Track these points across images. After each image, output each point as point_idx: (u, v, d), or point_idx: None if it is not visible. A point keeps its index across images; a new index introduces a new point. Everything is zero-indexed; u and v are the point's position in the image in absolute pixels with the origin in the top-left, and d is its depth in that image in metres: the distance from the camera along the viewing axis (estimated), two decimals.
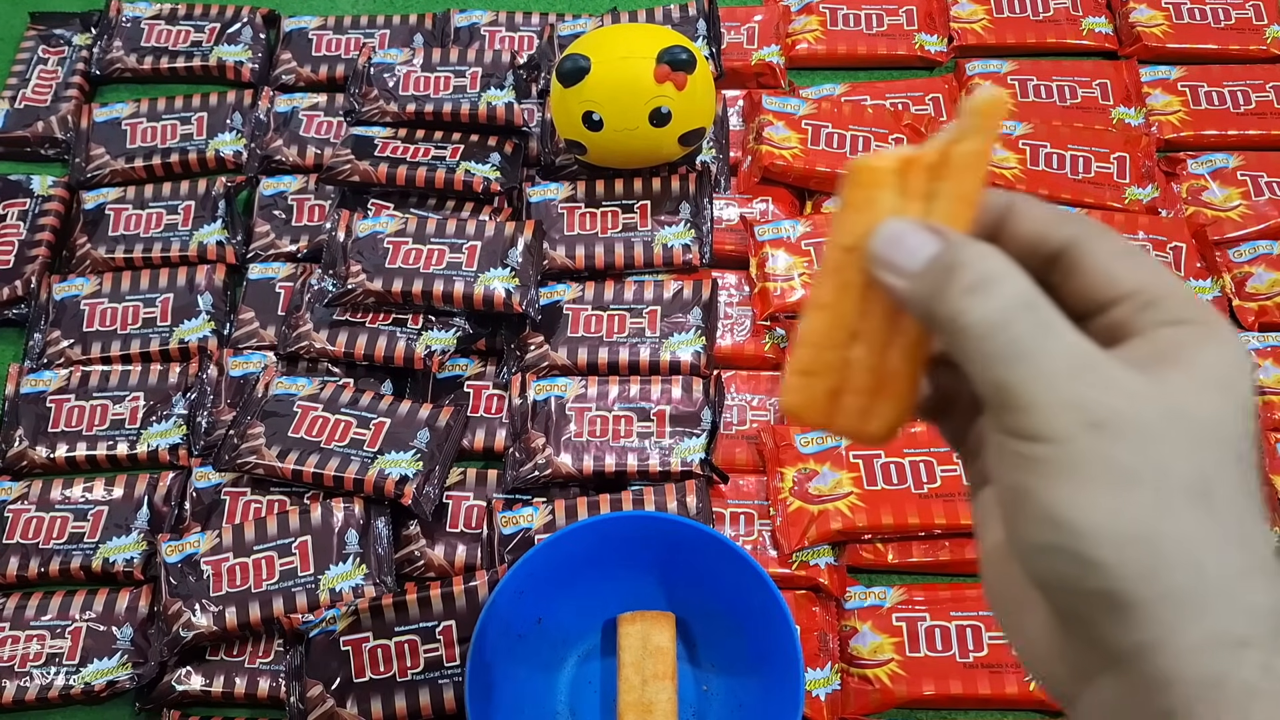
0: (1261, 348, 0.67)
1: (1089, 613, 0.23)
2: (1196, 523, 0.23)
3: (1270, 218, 0.72)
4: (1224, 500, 0.23)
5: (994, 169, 0.72)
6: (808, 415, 0.29)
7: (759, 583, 0.53)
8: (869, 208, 0.27)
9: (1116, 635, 0.23)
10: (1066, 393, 0.23)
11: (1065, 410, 0.23)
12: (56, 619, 0.60)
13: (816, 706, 0.57)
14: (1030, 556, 0.24)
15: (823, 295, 0.28)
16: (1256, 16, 0.80)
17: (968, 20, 0.81)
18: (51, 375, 0.68)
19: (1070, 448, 0.23)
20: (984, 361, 0.24)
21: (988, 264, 0.24)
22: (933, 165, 0.27)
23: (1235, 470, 0.23)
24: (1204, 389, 0.24)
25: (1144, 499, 0.22)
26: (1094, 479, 0.22)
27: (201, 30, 0.83)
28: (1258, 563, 0.23)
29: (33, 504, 0.64)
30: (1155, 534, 0.22)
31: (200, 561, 0.60)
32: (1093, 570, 0.22)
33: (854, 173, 0.27)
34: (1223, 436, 0.23)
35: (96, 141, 0.78)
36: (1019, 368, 0.23)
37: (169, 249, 0.73)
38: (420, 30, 0.83)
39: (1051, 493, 0.23)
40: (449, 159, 0.74)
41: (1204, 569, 0.22)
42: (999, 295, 0.24)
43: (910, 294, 0.26)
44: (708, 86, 0.69)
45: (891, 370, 0.28)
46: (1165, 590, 0.22)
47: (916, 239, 0.26)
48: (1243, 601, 0.22)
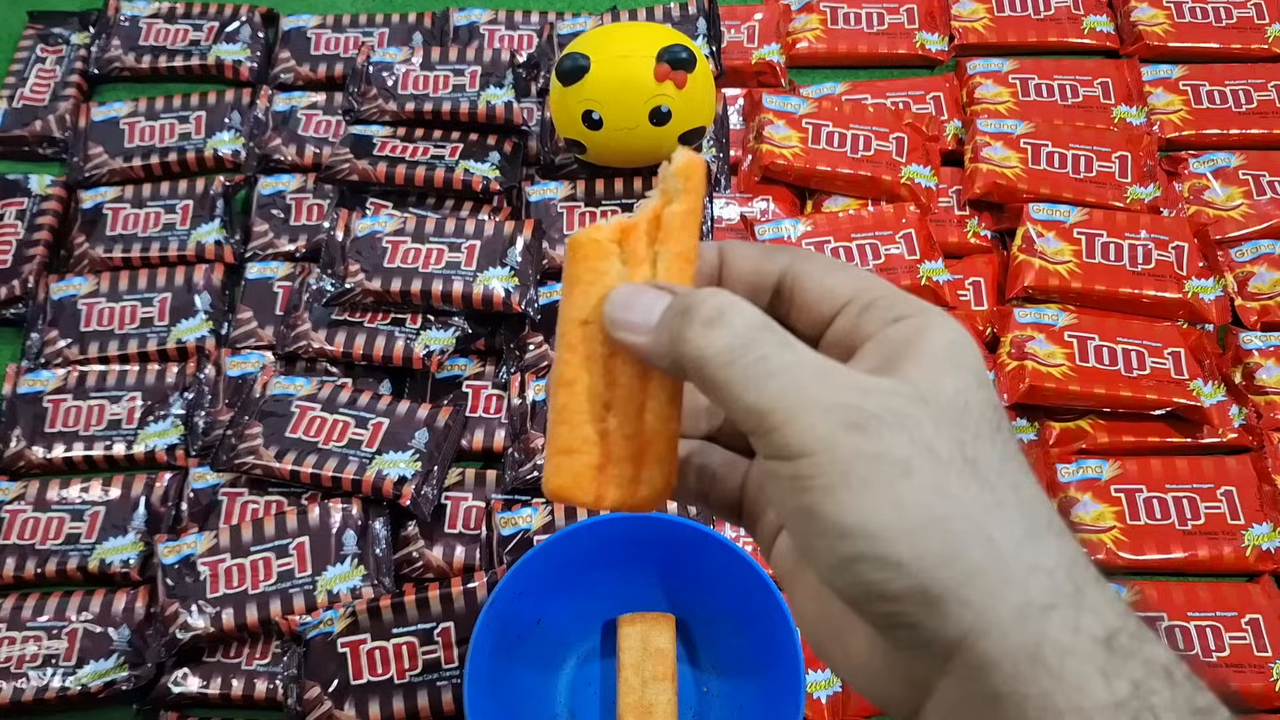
0: (1264, 347, 0.66)
1: (906, 617, 0.23)
2: (974, 497, 0.23)
3: (1272, 217, 0.71)
4: (992, 469, 0.23)
5: (997, 169, 0.72)
6: (576, 494, 0.28)
7: (760, 584, 0.53)
8: (597, 279, 0.28)
9: (937, 632, 0.23)
10: (819, 398, 0.23)
11: (822, 416, 0.23)
12: (53, 620, 0.60)
13: (817, 708, 0.56)
14: (835, 577, 0.23)
15: (567, 371, 0.28)
16: (1258, 15, 0.80)
17: (969, 19, 0.81)
18: (49, 375, 0.68)
19: (837, 453, 0.23)
20: (736, 388, 0.24)
21: (718, 299, 0.25)
22: (648, 230, 0.28)
23: (993, 439, 0.24)
24: (940, 372, 0.24)
25: (920, 485, 0.22)
26: (868, 478, 0.23)
27: (200, 29, 0.83)
28: (1042, 523, 0.23)
29: (30, 504, 0.64)
30: (942, 517, 0.22)
31: (197, 562, 0.60)
32: (895, 570, 0.22)
33: (575, 247, 0.28)
34: (971, 410, 0.24)
35: (94, 141, 0.78)
36: (769, 384, 0.24)
37: (167, 248, 0.73)
38: (419, 29, 0.83)
39: (832, 504, 0.23)
40: (448, 158, 0.73)
41: (994, 541, 0.22)
42: (735, 321, 0.25)
43: (653, 347, 0.26)
44: (708, 85, 0.69)
45: (650, 433, 0.28)
46: (966, 571, 0.22)
47: (647, 297, 0.27)
48: (1038, 565, 0.23)
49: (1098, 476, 0.62)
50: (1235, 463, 0.63)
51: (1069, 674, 0.22)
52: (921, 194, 0.73)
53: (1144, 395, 0.63)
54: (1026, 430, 0.65)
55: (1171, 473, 0.62)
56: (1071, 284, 0.68)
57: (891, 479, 0.22)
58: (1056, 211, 0.70)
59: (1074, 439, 0.64)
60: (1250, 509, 0.61)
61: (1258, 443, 0.64)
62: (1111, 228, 0.69)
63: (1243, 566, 0.60)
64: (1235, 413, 0.65)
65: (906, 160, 0.73)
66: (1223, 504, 0.61)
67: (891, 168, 0.73)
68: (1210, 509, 0.61)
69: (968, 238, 0.72)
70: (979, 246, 0.72)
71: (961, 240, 0.72)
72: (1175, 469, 0.63)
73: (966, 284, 0.70)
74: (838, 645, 0.27)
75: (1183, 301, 0.67)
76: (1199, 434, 0.64)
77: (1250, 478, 0.62)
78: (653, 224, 0.28)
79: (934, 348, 0.25)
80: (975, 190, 0.72)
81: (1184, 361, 0.65)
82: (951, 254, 0.72)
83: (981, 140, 0.74)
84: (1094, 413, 0.65)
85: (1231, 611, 0.58)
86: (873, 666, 0.26)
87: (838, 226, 0.71)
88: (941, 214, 0.73)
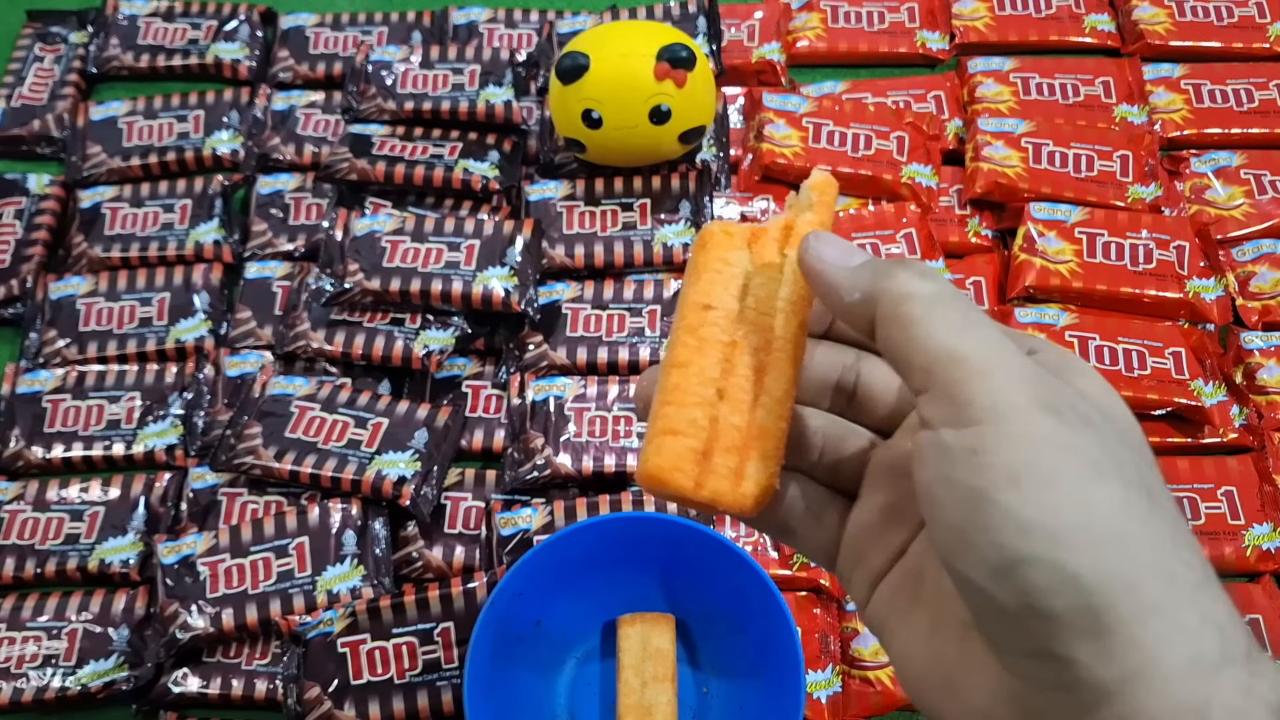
0: (1265, 347, 0.66)
1: (1062, 647, 0.20)
2: (1157, 528, 0.20)
3: (1274, 216, 0.71)
4: (1165, 501, 0.21)
5: (998, 168, 0.72)
6: (674, 478, 0.27)
7: (759, 584, 0.53)
8: (725, 268, 0.28)
9: (1094, 671, 0.20)
10: (1018, 365, 0.21)
11: (1019, 384, 0.21)
12: (53, 620, 0.60)
13: (817, 709, 0.56)
14: (995, 582, 0.20)
15: (683, 353, 0.28)
16: (1259, 14, 0.80)
17: (970, 17, 0.81)
18: (48, 375, 0.68)
19: (1030, 430, 0.20)
20: (936, 328, 0.22)
21: (924, 264, 0.25)
22: (779, 236, 0.28)
23: (1158, 474, 0.22)
24: (1108, 393, 0.23)
25: (1112, 496, 0.20)
26: (1059, 471, 0.20)
27: (198, 27, 0.82)
28: (1210, 575, 0.21)
29: (29, 504, 0.64)
30: (1130, 537, 0.20)
31: (197, 563, 0.60)
32: (1072, 585, 0.19)
33: (707, 237, 0.28)
34: (1140, 438, 0.22)
35: (93, 140, 0.77)
36: (970, 333, 0.22)
37: (165, 248, 0.72)
38: (418, 27, 0.83)
39: (1014, 492, 0.20)
40: (447, 157, 0.73)
41: (1174, 580, 0.20)
42: (943, 280, 0.24)
43: (846, 280, 0.25)
44: (708, 84, 0.69)
45: (759, 428, 0.27)
46: (1145, 605, 0.19)
47: (848, 244, 0.26)
48: (1212, 617, 0.20)
49: None
50: (1236, 463, 0.63)
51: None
52: (922, 193, 0.73)
53: (1145, 395, 0.63)
54: None
55: (1172, 473, 0.62)
56: (1072, 284, 0.67)
57: (1084, 479, 0.20)
58: (1057, 211, 0.70)
59: None
60: (1251, 509, 0.61)
61: (1259, 443, 0.64)
62: (1113, 227, 0.69)
63: (1243, 567, 0.60)
64: (1236, 413, 0.65)
65: (907, 159, 0.73)
66: (1223, 504, 0.61)
67: (892, 167, 0.73)
68: (1211, 509, 0.61)
69: (968, 237, 0.72)
70: (980, 246, 0.72)
71: (962, 240, 0.72)
72: (1176, 469, 0.62)
73: (967, 284, 0.70)
74: (950, 694, 0.24)
75: (1184, 301, 0.67)
76: (1200, 434, 0.64)
77: (1251, 478, 0.62)
78: (784, 231, 0.28)
79: (1091, 372, 0.23)
80: (976, 189, 0.72)
81: (1185, 361, 0.65)
82: (952, 253, 0.72)
83: (982, 139, 0.73)
84: None
85: None
86: (995, 712, 0.22)
87: (838, 226, 0.71)
88: (942, 213, 0.73)
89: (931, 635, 0.25)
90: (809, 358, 0.29)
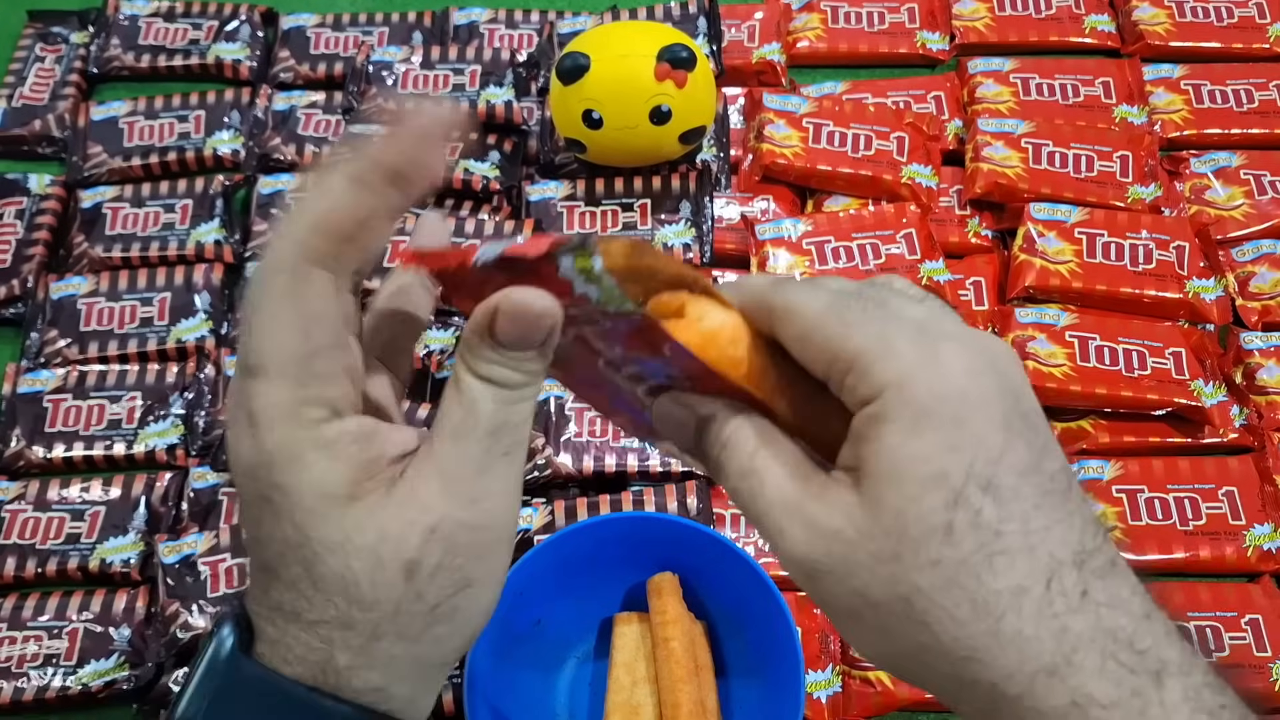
0: (1265, 348, 0.66)
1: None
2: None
3: (1273, 217, 0.71)
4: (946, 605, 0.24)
5: (998, 169, 0.72)
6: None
7: (760, 584, 0.53)
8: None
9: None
10: (785, 545, 0.26)
11: (789, 566, 0.26)
12: (54, 620, 0.60)
13: (817, 709, 0.56)
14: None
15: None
16: (1259, 15, 0.80)
17: (970, 18, 0.81)
18: (49, 375, 0.68)
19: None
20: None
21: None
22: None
23: (945, 540, 0.24)
24: (888, 486, 0.24)
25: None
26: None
27: (199, 28, 0.82)
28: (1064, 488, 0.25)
29: (30, 504, 0.64)
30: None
31: (198, 562, 0.60)
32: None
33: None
34: (910, 531, 0.24)
35: (94, 140, 0.77)
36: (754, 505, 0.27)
37: (166, 248, 0.72)
38: (419, 28, 0.83)
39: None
40: (447, 157, 0.73)
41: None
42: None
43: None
44: (708, 84, 0.69)
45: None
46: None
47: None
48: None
49: (1099, 477, 0.62)
50: (1236, 463, 0.63)
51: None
52: (922, 193, 0.73)
53: (1145, 395, 0.63)
54: None
55: (1173, 473, 0.62)
56: (1072, 284, 0.67)
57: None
58: (1057, 211, 0.70)
59: (1075, 439, 0.64)
60: (1251, 509, 0.61)
61: (1259, 443, 0.64)
62: (1112, 227, 0.69)
63: (1244, 567, 0.60)
64: (1236, 413, 0.65)
65: (907, 160, 0.73)
66: (1224, 504, 0.61)
67: (892, 167, 0.73)
68: (1211, 509, 0.61)
69: (968, 237, 0.72)
70: (980, 246, 0.72)
71: (962, 240, 0.72)
72: (1177, 469, 0.62)
73: (967, 284, 0.70)
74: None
75: (1184, 301, 0.67)
76: (1200, 434, 0.64)
77: (1251, 478, 0.62)
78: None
79: (881, 452, 0.24)
80: (976, 190, 0.72)
81: (1185, 361, 0.65)
82: (952, 254, 0.72)
83: (982, 140, 0.73)
84: (1095, 413, 0.65)
85: (1231, 612, 0.58)
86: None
87: (838, 226, 0.71)
88: (942, 214, 0.73)
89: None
90: None
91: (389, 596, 0.26)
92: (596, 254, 0.24)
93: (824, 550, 0.25)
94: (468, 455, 0.26)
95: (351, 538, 0.25)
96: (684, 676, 0.53)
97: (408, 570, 0.25)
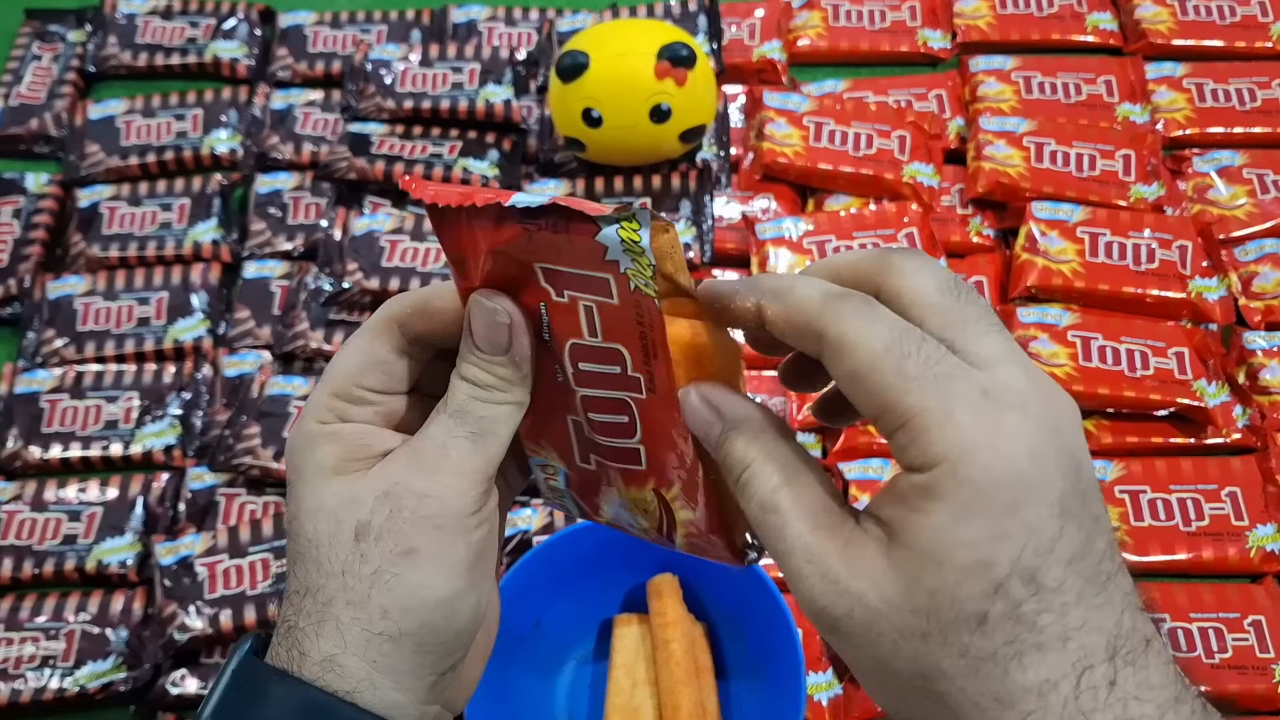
0: (1268, 347, 0.66)
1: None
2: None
3: (1276, 216, 0.71)
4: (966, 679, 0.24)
5: (1000, 168, 0.72)
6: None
7: (760, 586, 0.52)
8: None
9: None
10: (811, 599, 0.25)
11: (814, 615, 0.25)
12: (51, 621, 0.59)
13: (818, 711, 0.56)
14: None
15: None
16: (1262, 13, 0.80)
17: (971, 16, 0.81)
18: (46, 375, 0.68)
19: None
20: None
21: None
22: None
23: (975, 630, 0.23)
24: (922, 566, 0.24)
25: None
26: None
27: (197, 26, 0.82)
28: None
29: (27, 504, 0.63)
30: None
31: (195, 563, 0.59)
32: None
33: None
34: (941, 610, 0.23)
35: (91, 139, 0.77)
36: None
37: (164, 247, 0.72)
38: (418, 26, 0.82)
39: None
40: (446, 156, 0.73)
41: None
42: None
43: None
44: (708, 83, 0.69)
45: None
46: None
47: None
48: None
49: (1102, 477, 0.62)
50: (1239, 463, 0.63)
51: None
52: (924, 192, 0.72)
53: (1148, 395, 0.63)
54: None
55: (1176, 474, 0.62)
56: (1075, 283, 0.67)
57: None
58: (1059, 210, 0.69)
59: None
60: (1255, 510, 0.61)
61: (1262, 443, 0.63)
62: (1115, 227, 0.69)
63: (1247, 568, 0.60)
64: (1239, 413, 0.64)
65: (909, 158, 0.73)
66: (1227, 505, 0.61)
67: (893, 166, 0.73)
68: (1214, 510, 0.61)
69: (970, 237, 0.72)
70: (981, 245, 0.72)
71: (964, 239, 0.72)
72: (1179, 470, 0.62)
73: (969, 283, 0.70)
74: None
75: (1186, 301, 0.67)
76: (1203, 435, 0.64)
77: (1255, 479, 0.62)
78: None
79: (926, 529, 0.23)
80: (978, 189, 0.72)
81: (1188, 362, 0.65)
82: (954, 253, 0.71)
83: (984, 138, 0.73)
84: (1098, 413, 0.64)
85: (1234, 613, 0.58)
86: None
87: (839, 225, 0.70)
88: (944, 213, 0.73)
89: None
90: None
91: (339, 557, 0.27)
92: (646, 226, 0.24)
93: (845, 610, 0.24)
94: (431, 433, 0.28)
95: (325, 503, 0.28)
96: (684, 678, 0.53)
97: (358, 530, 0.28)
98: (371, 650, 0.27)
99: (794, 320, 0.26)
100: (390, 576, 0.27)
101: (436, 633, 0.28)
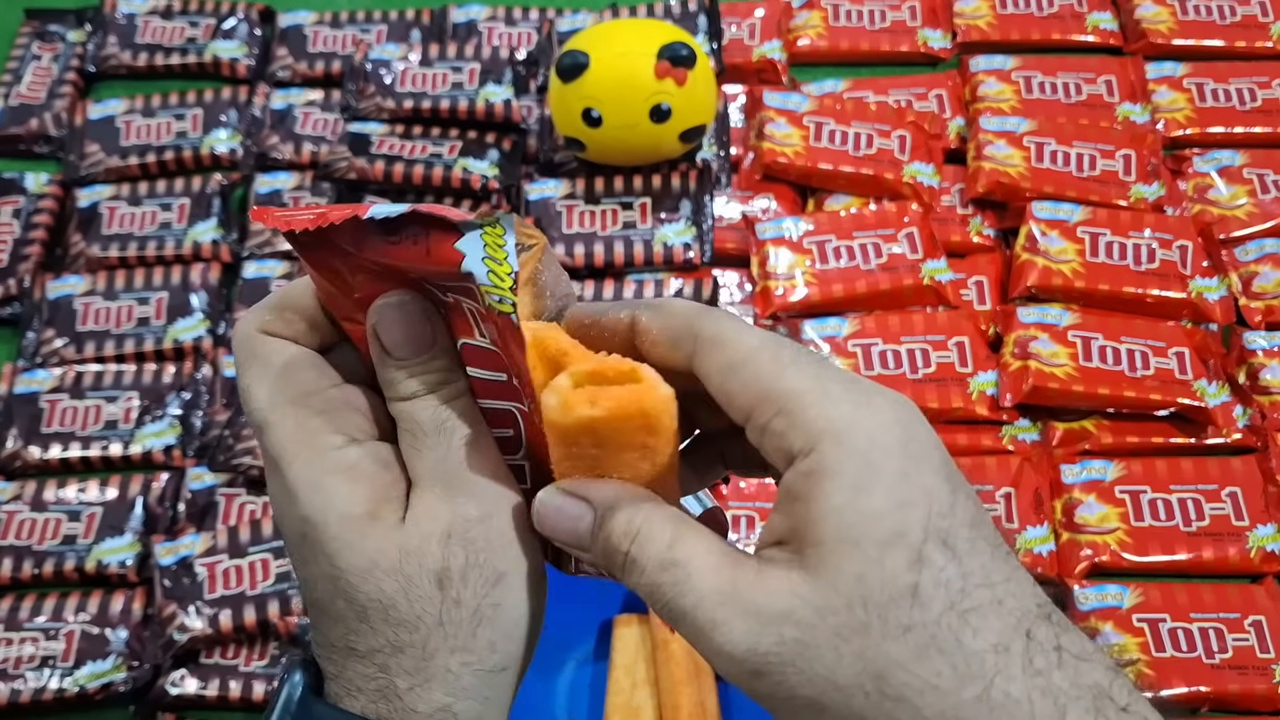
0: (1268, 348, 0.66)
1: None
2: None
3: (1276, 216, 0.71)
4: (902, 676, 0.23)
5: (1000, 167, 0.72)
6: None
7: None
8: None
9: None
10: (721, 645, 0.23)
11: (729, 660, 0.23)
12: (50, 621, 0.59)
13: None
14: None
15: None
16: (1262, 13, 0.80)
17: (972, 16, 0.81)
18: (45, 375, 0.68)
19: (754, 691, 0.23)
20: (659, 612, 0.25)
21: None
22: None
23: (910, 605, 0.22)
24: (835, 552, 0.23)
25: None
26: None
27: (196, 26, 0.82)
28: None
29: (26, 505, 0.63)
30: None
31: (195, 563, 0.59)
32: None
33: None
34: (873, 598, 0.22)
35: (91, 139, 0.77)
36: (682, 622, 0.24)
37: (163, 247, 0.72)
38: (418, 25, 0.82)
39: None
40: (446, 156, 0.73)
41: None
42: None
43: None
44: (709, 83, 0.69)
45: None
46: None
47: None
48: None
49: (1102, 477, 0.62)
50: (1240, 464, 0.63)
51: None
52: (924, 192, 0.72)
53: (1148, 395, 0.63)
54: (1030, 430, 0.65)
55: (1176, 474, 0.62)
56: (1075, 283, 0.67)
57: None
58: (1060, 210, 0.69)
59: (1078, 440, 0.64)
60: (1255, 510, 0.61)
61: (1262, 444, 0.63)
62: (1115, 226, 0.69)
63: (1247, 568, 0.60)
64: (1240, 413, 0.64)
65: (909, 158, 0.73)
66: (1227, 505, 0.61)
67: (894, 166, 0.72)
68: (1215, 510, 0.61)
69: (970, 236, 0.72)
70: (982, 245, 0.72)
71: (964, 239, 0.72)
72: (1180, 470, 0.62)
73: (969, 283, 0.70)
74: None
75: (1187, 301, 0.67)
76: (1203, 435, 0.64)
77: (1255, 479, 0.62)
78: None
79: (829, 514, 0.22)
80: (978, 188, 0.72)
81: (1188, 362, 0.65)
82: (954, 253, 0.71)
83: (984, 138, 0.73)
84: (1098, 413, 0.64)
85: (1235, 613, 0.58)
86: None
87: (840, 225, 0.70)
88: (944, 212, 0.73)
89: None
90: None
91: (429, 611, 0.26)
92: (510, 230, 0.23)
93: (775, 639, 0.22)
94: (437, 459, 0.27)
95: (378, 562, 0.26)
96: (684, 679, 0.53)
97: (439, 580, 0.26)
98: (484, 688, 0.27)
99: (670, 325, 0.26)
100: (490, 609, 0.26)
101: (531, 643, 0.28)
